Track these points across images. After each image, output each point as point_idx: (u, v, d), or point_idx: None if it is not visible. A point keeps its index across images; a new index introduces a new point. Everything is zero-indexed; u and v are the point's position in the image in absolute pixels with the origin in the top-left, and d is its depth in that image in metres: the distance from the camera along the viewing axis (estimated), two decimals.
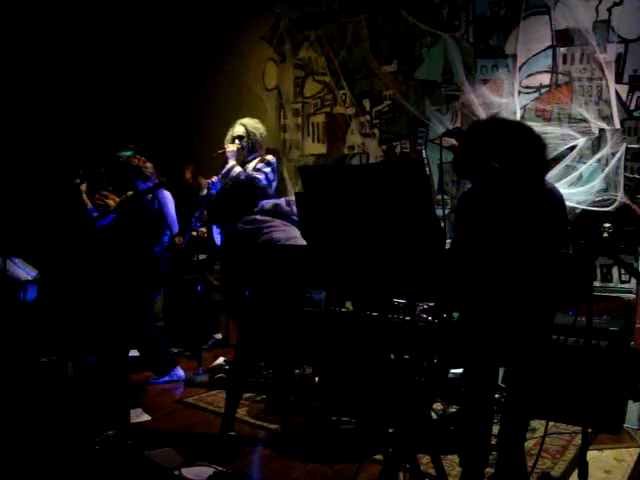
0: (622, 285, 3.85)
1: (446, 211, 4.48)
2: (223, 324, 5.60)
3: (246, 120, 3.79)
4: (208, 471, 2.72)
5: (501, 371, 3.26)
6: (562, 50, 4.10)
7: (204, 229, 4.94)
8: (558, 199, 2.28)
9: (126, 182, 4.21)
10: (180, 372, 4.31)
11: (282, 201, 3.14)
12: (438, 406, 3.15)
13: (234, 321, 5.25)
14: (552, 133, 3.97)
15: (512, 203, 2.26)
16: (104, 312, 4.71)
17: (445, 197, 4.49)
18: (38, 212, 5.59)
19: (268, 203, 3.13)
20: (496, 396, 3.24)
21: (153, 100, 6.70)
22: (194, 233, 4.78)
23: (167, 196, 4.14)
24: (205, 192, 5.02)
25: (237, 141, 3.63)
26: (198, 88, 6.29)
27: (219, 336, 5.50)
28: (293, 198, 3.12)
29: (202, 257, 5.21)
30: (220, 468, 2.77)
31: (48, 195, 5.75)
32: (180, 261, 5.20)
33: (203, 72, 6.28)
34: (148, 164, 4.19)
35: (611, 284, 3.91)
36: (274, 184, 3.47)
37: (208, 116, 6.11)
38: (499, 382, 3.30)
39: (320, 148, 5.38)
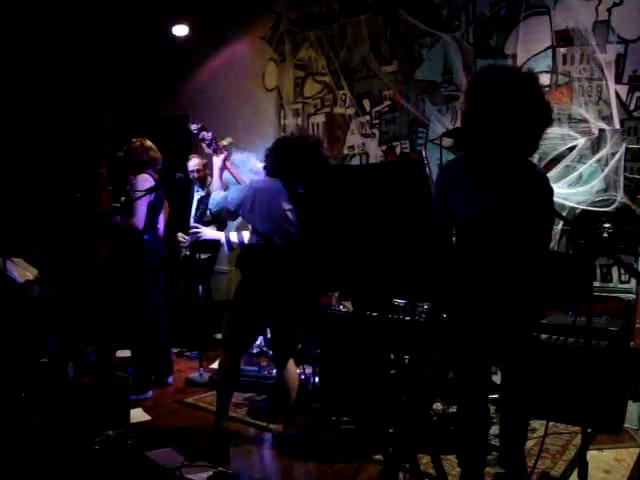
0: (622, 285, 3.85)
1: None
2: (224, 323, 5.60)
3: None
4: (208, 471, 2.72)
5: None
6: (562, 50, 4.10)
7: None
8: (550, 187, 2.20)
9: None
10: (149, 394, 4.05)
11: None
12: (438, 406, 3.15)
13: None
14: (552, 133, 3.95)
15: (508, 183, 2.12)
16: (105, 309, 4.71)
17: None
18: (38, 212, 5.59)
19: None
20: (495, 396, 3.24)
21: (153, 99, 6.71)
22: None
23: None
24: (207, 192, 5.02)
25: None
26: (198, 88, 6.29)
27: (219, 336, 5.50)
28: None
29: (204, 256, 5.20)
30: (220, 468, 2.78)
31: (47, 195, 5.75)
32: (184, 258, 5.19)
33: (203, 72, 6.28)
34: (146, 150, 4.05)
35: (611, 284, 3.90)
36: None
37: (208, 116, 6.11)
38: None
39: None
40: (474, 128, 2.06)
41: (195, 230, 3.88)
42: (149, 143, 4.09)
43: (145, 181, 3.91)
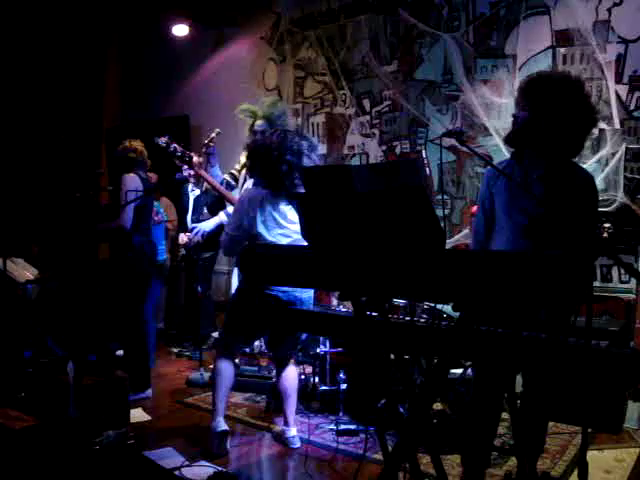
0: (622, 285, 3.85)
1: (446, 211, 4.49)
2: (222, 323, 5.59)
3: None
4: (208, 471, 2.72)
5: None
6: (562, 50, 4.09)
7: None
8: (596, 188, 2.32)
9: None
10: (149, 392, 4.03)
11: None
12: (438, 406, 3.15)
13: None
14: None
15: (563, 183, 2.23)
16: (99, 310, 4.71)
17: (445, 197, 4.48)
18: (38, 212, 5.59)
19: None
20: None
21: (152, 99, 6.71)
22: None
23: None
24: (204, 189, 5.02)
25: None
26: (198, 88, 6.29)
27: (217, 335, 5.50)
28: None
29: (206, 255, 5.19)
30: (220, 468, 2.78)
31: (47, 194, 5.75)
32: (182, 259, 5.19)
33: (203, 72, 6.28)
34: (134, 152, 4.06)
35: (611, 284, 3.90)
36: None
37: (208, 116, 6.11)
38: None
39: (320, 148, 5.37)
40: (528, 130, 2.24)
41: (196, 231, 3.89)
42: (134, 144, 4.08)
43: (131, 181, 3.92)
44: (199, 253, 5.00)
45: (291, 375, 3.17)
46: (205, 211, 4.82)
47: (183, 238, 5.08)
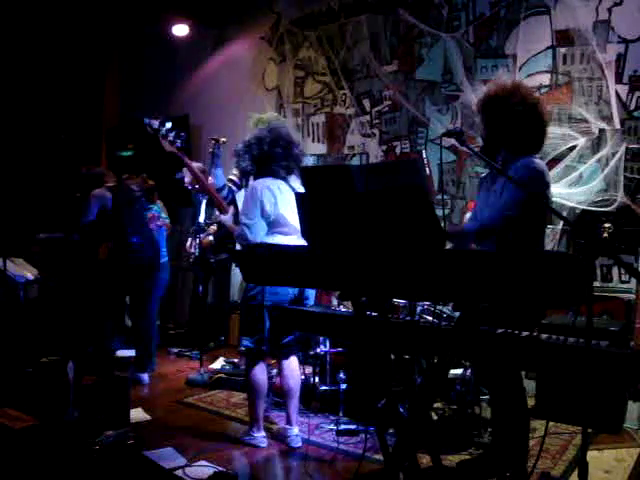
0: (622, 285, 3.85)
1: (446, 211, 4.49)
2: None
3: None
4: (208, 471, 2.72)
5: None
6: (562, 50, 4.09)
7: (214, 227, 4.88)
8: (538, 177, 2.41)
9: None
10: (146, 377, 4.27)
11: None
12: (438, 406, 3.15)
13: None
14: (552, 133, 3.93)
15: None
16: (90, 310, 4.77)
17: (445, 197, 4.48)
18: (39, 212, 5.59)
19: None
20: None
21: (153, 99, 6.70)
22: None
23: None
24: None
25: None
26: (198, 88, 6.29)
27: (223, 337, 5.51)
28: None
29: (224, 256, 5.18)
30: (220, 468, 2.78)
31: (48, 195, 5.75)
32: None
33: (203, 72, 6.28)
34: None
35: (611, 284, 3.90)
36: None
37: (208, 116, 6.11)
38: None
39: (320, 148, 5.38)
40: (490, 142, 2.54)
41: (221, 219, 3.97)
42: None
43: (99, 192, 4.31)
44: (216, 255, 4.99)
45: (295, 373, 3.17)
46: (217, 213, 4.81)
47: (190, 243, 5.08)
